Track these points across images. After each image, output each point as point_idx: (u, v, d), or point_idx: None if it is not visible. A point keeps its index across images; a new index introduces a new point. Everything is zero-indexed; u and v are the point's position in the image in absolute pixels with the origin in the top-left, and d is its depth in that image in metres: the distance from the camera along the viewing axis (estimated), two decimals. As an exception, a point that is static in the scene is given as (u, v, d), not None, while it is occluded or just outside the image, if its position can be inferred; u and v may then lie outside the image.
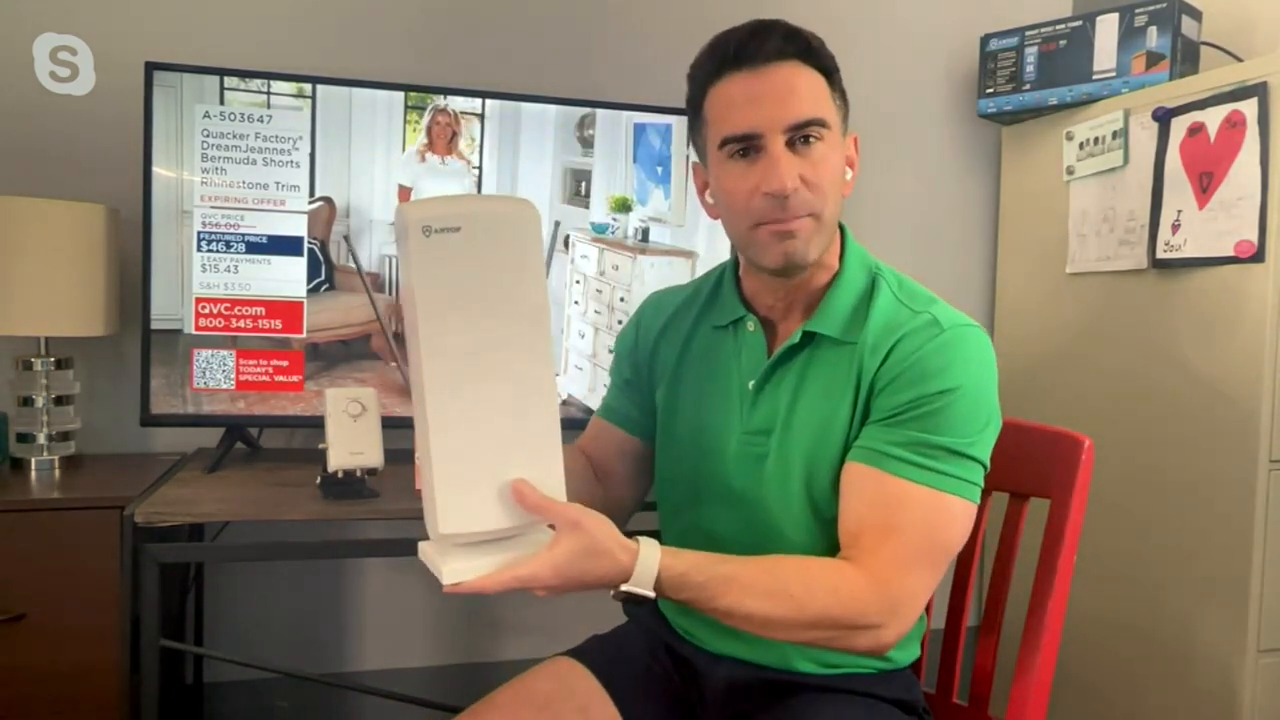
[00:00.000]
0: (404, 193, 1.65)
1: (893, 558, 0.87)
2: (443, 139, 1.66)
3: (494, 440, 0.82)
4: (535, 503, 0.81)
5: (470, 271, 0.81)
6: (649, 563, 0.82)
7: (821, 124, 0.91)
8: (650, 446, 1.13)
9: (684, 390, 1.07)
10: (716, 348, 1.05)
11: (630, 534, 0.85)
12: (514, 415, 0.83)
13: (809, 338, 0.97)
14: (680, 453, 1.06)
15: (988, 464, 0.92)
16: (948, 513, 0.89)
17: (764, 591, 0.85)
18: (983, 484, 0.93)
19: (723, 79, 0.93)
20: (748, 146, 0.91)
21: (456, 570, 0.81)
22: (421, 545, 0.86)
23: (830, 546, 0.95)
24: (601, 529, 0.82)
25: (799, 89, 0.91)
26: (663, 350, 1.10)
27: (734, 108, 0.92)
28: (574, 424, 1.77)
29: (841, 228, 1.02)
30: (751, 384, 1.00)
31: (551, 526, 0.83)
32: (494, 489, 0.82)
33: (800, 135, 0.91)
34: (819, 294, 0.99)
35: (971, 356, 0.91)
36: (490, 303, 0.82)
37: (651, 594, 0.82)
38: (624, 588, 0.82)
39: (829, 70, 0.94)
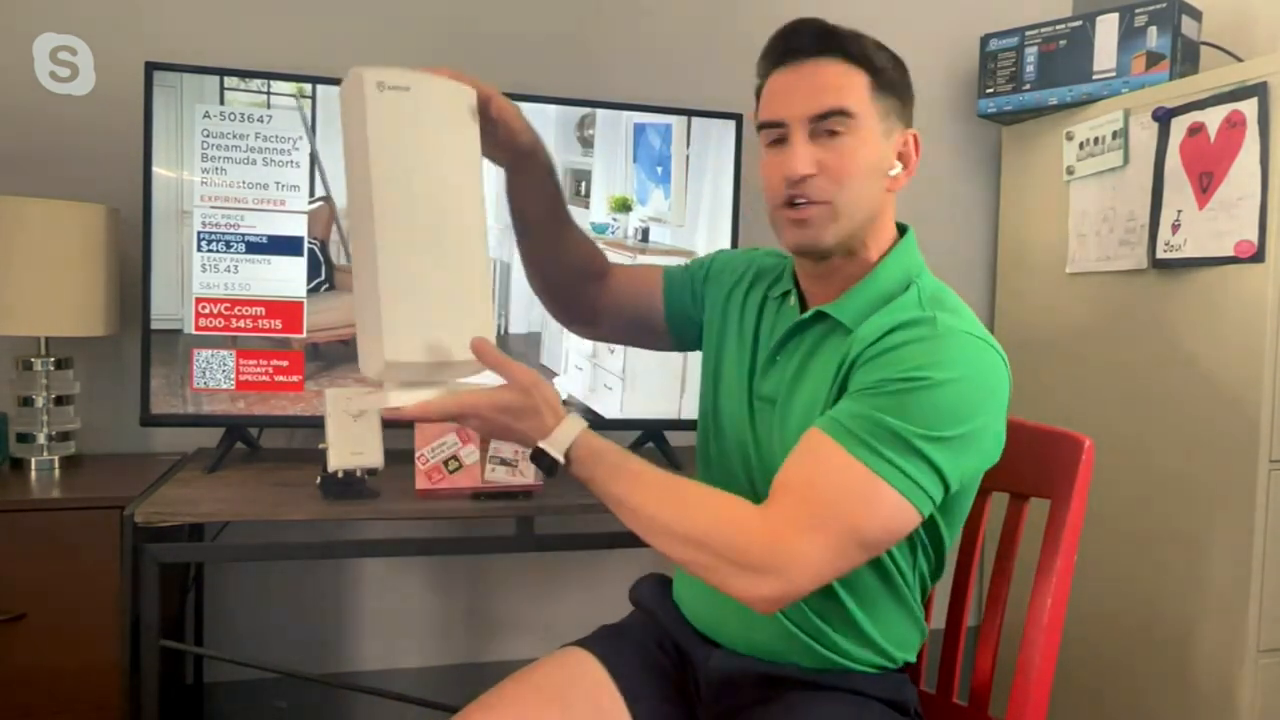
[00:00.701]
0: None
1: (796, 515, 0.85)
2: None
3: (436, 284, 0.89)
4: (495, 359, 0.89)
5: (418, 127, 0.90)
6: (569, 430, 0.89)
7: (844, 114, 0.93)
8: (662, 323, 1.19)
9: (728, 345, 1.11)
10: (766, 313, 1.09)
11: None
12: (454, 265, 0.91)
13: (820, 318, 0.99)
14: (711, 402, 1.11)
15: (948, 477, 0.86)
16: (874, 496, 0.84)
17: (658, 492, 0.89)
18: (935, 495, 0.86)
19: (771, 75, 0.98)
20: (777, 135, 0.96)
21: (398, 397, 0.88)
22: (330, 393, 0.93)
23: None
24: (547, 393, 0.90)
25: (827, 82, 0.94)
26: (735, 297, 1.13)
27: (772, 99, 0.97)
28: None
29: (905, 231, 1.03)
30: (769, 350, 1.03)
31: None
32: (436, 328, 0.89)
33: (824, 127, 0.93)
34: (853, 284, 0.99)
35: (962, 360, 0.88)
36: (434, 158, 0.91)
37: (560, 458, 0.89)
38: (540, 443, 0.89)
39: (874, 67, 0.95)
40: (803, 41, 0.95)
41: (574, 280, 1.17)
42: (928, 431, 0.85)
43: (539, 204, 1.09)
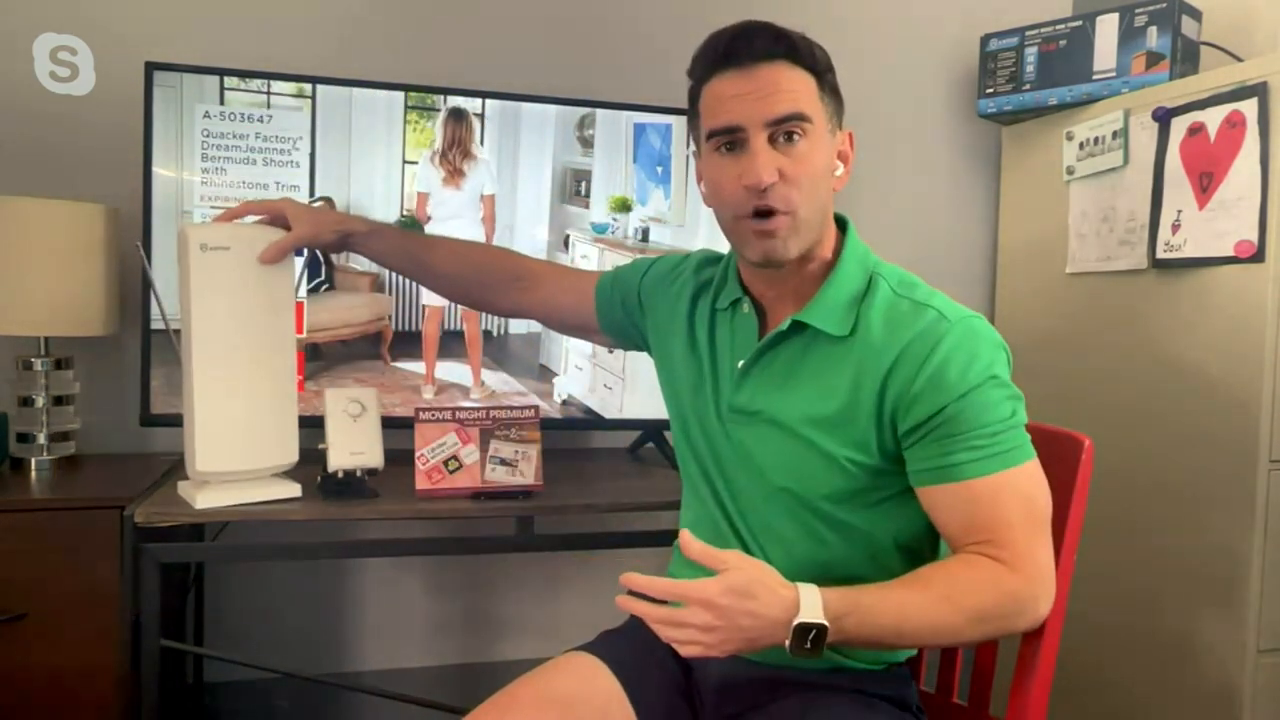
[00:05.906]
0: (421, 199, 1.65)
1: (1016, 541, 0.91)
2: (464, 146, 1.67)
3: (244, 407, 1.17)
4: (699, 551, 0.84)
5: (235, 276, 1.15)
6: (811, 592, 0.83)
7: (803, 119, 0.93)
8: (598, 330, 1.26)
9: (682, 361, 1.11)
10: (715, 327, 1.08)
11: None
12: (262, 391, 1.18)
13: (799, 328, 0.99)
14: (677, 419, 1.13)
15: (1026, 420, 0.96)
16: (1030, 480, 0.93)
17: (922, 604, 0.88)
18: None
19: (714, 77, 0.97)
20: (732, 140, 0.95)
21: (209, 498, 1.20)
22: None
23: (812, 536, 0.99)
24: (762, 571, 0.84)
25: (782, 86, 0.93)
26: (678, 311, 1.13)
27: (721, 103, 0.95)
28: (574, 424, 1.78)
29: (844, 223, 1.05)
30: (741, 364, 1.03)
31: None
32: (244, 442, 1.16)
33: (782, 131, 0.93)
34: (812, 284, 1.00)
35: (982, 347, 0.93)
36: (249, 305, 1.17)
37: (824, 621, 0.81)
38: (799, 619, 0.81)
39: (818, 70, 0.96)
40: (753, 44, 0.94)
41: (481, 292, 1.29)
42: (1009, 413, 0.93)
43: (391, 259, 1.27)
